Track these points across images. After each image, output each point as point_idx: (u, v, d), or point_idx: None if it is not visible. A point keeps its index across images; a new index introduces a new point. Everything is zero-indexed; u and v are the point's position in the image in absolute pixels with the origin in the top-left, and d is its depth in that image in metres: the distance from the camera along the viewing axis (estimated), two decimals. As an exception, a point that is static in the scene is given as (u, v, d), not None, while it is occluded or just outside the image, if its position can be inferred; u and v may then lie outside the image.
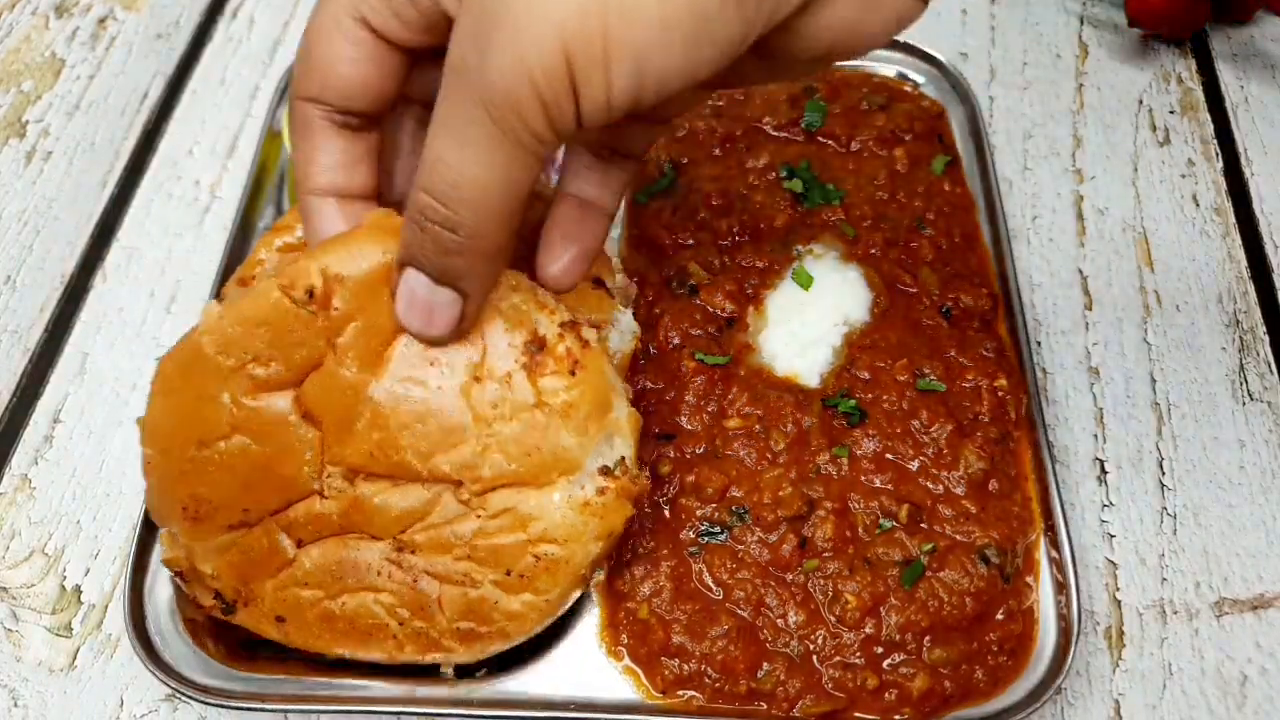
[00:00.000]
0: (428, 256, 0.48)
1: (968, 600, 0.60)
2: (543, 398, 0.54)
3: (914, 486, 0.64)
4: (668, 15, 0.39)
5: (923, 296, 0.73)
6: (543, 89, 0.40)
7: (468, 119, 0.42)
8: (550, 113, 0.41)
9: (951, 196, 0.80)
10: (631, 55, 0.39)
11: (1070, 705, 0.64)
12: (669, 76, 0.41)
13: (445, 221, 0.46)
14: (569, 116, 0.41)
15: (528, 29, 0.39)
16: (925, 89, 0.87)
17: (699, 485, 0.64)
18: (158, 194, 0.88)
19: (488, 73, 0.40)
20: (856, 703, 0.59)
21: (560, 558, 0.56)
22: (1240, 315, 0.80)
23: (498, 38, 0.40)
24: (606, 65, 0.39)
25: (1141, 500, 0.71)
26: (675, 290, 0.72)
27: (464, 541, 0.56)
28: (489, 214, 0.46)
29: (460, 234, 0.46)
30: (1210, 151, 0.90)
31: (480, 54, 0.41)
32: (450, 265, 0.48)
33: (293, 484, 0.56)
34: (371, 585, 0.57)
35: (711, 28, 0.39)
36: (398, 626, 0.58)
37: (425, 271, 0.49)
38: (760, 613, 0.61)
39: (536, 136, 0.42)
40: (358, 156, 0.54)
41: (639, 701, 0.60)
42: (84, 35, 0.98)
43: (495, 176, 0.44)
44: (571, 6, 0.38)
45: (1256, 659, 0.65)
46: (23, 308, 0.81)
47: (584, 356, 0.54)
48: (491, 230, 0.47)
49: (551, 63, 0.39)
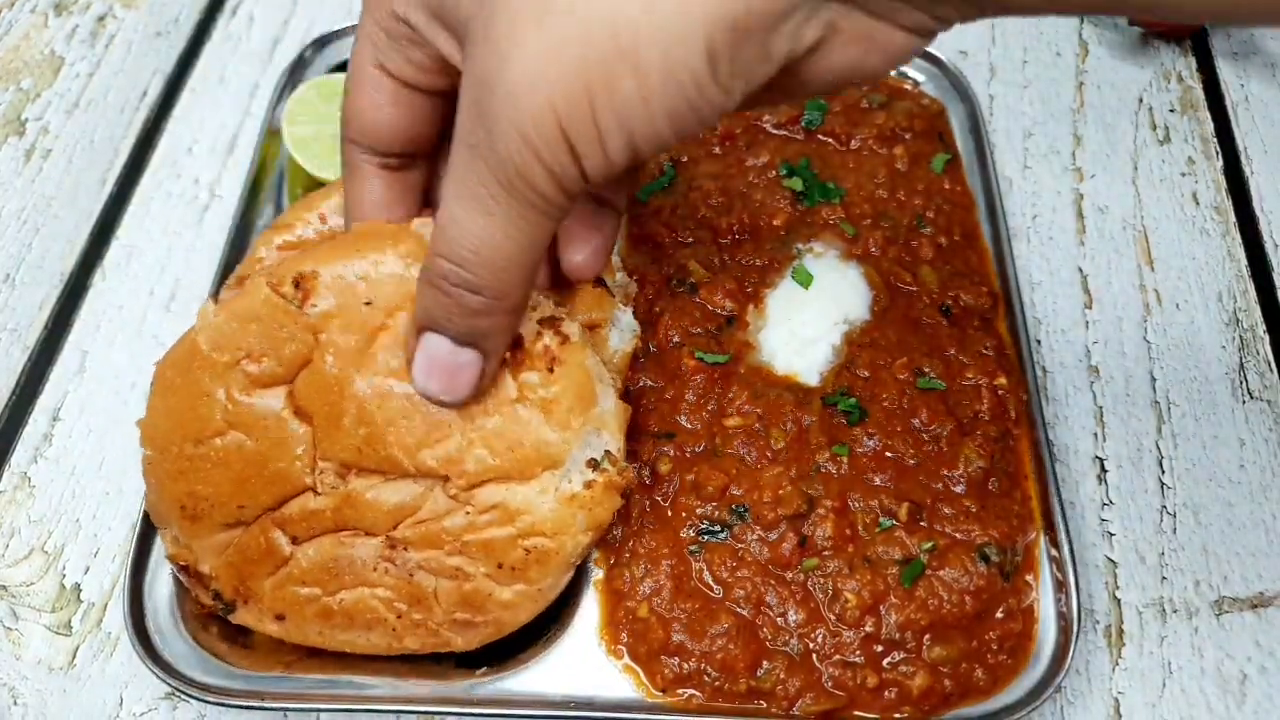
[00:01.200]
0: (452, 320, 0.50)
1: (967, 599, 0.60)
2: (523, 393, 0.55)
3: (914, 485, 0.64)
4: (646, 93, 0.41)
5: (923, 295, 0.73)
6: (548, 160, 0.43)
7: (484, 191, 0.45)
8: (558, 179, 0.44)
9: (951, 195, 0.80)
10: (619, 129, 0.42)
11: (1070, 703, 0.64)
12: (661, 139, 0.43)
13: (469, 285, 0.48)
14: (576, 179, 0.44)
15: (524, 107, 0.41)
16: (925, 87, 0.87)
17: (699, 484, 0.64)
18: (157, 192, 0.88)
19: (497, 148, 0.43)
20: (856, 701, 0.59)
21: (550, 549, 0.57)
22: (1240, 314, 0.80)
23: (500, 115, 0.42)
24: (600, 138, 0.42)
25: (1141, 499, 0.71)
26: (675, 288, 0.72)
27: (455, 536, 0.57)
28: (512, 275, 0.48)
29: (485, 295, 0.48)
30: (1210, 150, 0.90)
31: (487, 130, 0.43)
32: (474, 326, 0.50)
33: (286, 480, 0.57)
34: (368, 581, 0.58)
35: (690, 98, 0.41)
36: (395, 619, 0.58)
37: (448, 334, 0.51)
38: (760, 611, 0.61)
39: (549, 200, 0.45)
40: (400, 193, 0.57)
41: (639, 700, 0.60)
42: (83, 33, 0.98)
43: (516, 240, 0.46)
44: (559, 88, 0.41)
45: (1256, 657, 0.65)
46: (22, 306, 0.81)
47: (562, 353, 0.55)
48: (514, 290, 0.49)
49: (550, 133, 0.42)
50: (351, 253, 0.55)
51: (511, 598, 0.58)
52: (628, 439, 0.65)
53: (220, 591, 0.60)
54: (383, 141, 0.54)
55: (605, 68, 0.40)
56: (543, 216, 0.46)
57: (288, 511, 0.57)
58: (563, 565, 0.58)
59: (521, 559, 0.57)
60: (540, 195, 0.44)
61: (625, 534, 0.63)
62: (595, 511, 0.57)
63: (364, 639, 0.59)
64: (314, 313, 0.55)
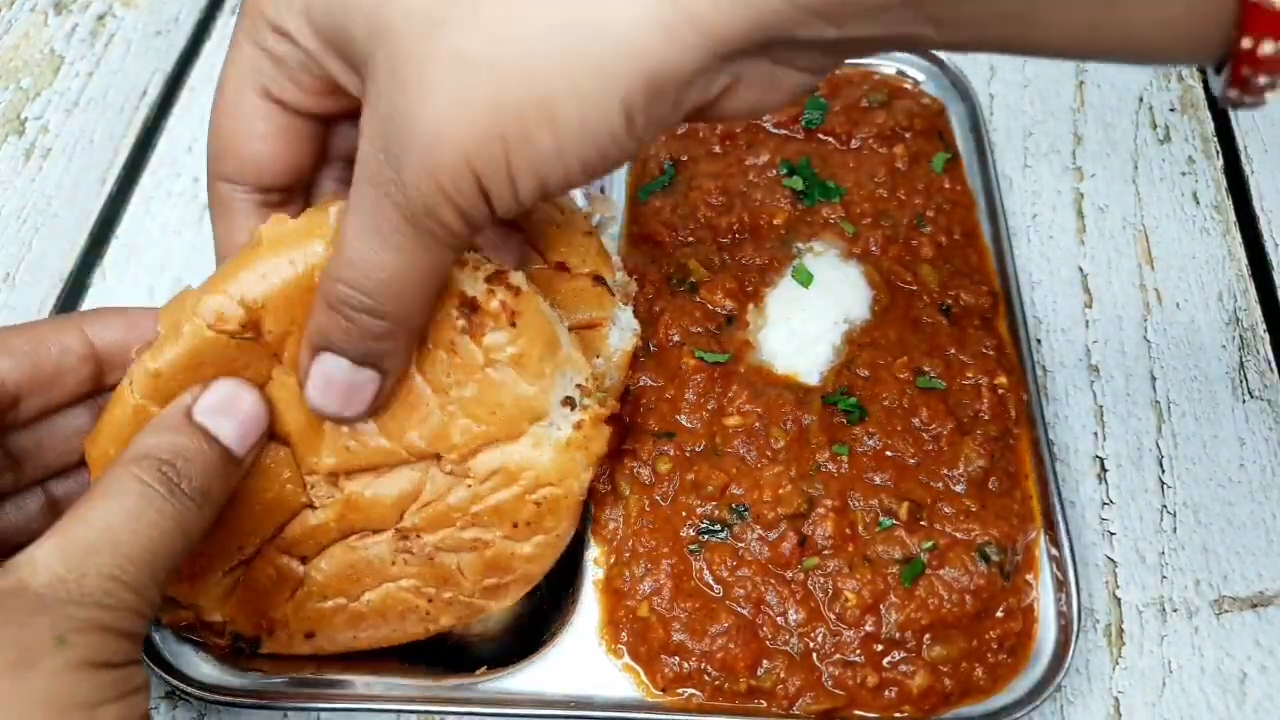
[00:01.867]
0: (351, 342, 0.49)
1: (968, 598, 0.60)
2: (491, 355, 0.54)
3: (914, 484, 0.64)
4: (562, 146, 0.42)
5: (923, 294, 0.73)
6: (457, 200, 0.43)
7: (389, 226, 0.45)
8: (466, 216, 0.44)
9: (952, 194, 0.80)
10: (532, 174, 0.43)
11: (1070, 703, 0.64)
12: (572, 182, 0.44)
13: (371, 310, 0.48)
14: (483, 215, 0.45)
15: (437, 154, 0.42)
16: (926, 86, 0.87)
17: (699, 483, 0.64)
18: (157, 191, 0.88)
19: (405, 187, 0.43)
20: (856, 700, 0.59)
21: (559, 496, 0.57)
22: (1240, 313, 0.80)
23: (410, 156, 0.42)
24: (512, 181, 0.43)
25: (1141, 498, 0.71)
26: (675, 287, 0.72)
27: (464, 510, 0.57)
28: (416, 301, 0.49)
29: (388, 320, 0.48)
30: (1210, 149, 0.90)
31: (395, 169, 0.43)
32: (374, 349, 0.50)
33: (280, 506, 0.56)
34: (389, 576, 0.58)
35: (603, 148, 0.43)
36: (427, 604, 0.58)
37: (347, 355, 0.50)
38: (760, 610, 0.61)
39: (454, 235, 0.45)
40: None
41: (639, 699, 0.60)
42: (83, 32, 0.98)
43: (419, 271, 0.47)
44: (474, 136, 0.41)
45: (1256, 657, 0.65)
46: (22, 305, 0.81)
47: (518, 303, 0.54)
48: (417, 314, 0.50)
49: (463, 179, 0.42)
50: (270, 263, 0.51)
51: (532, 550, 0.58)
52: (627, 439, 0.65)
53: (240, 632, 0.59)
54: (264, 175, 0.52)
55: (521, 120, 0.41)
56: (448, 249, 0.46)
57: (290, 535, 0.57)
58: (573, 507, 0.58)
59: (534, 513, 0.57)
60: (448, 231, 0.45)
61: (625, 533, 0.63)
62: (591, 448, 0.57)
63: (399, 631, 0.59)
64: (271, 338, 0.52)
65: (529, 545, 0.58)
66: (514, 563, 0.58)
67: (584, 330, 0.61)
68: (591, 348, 0.60)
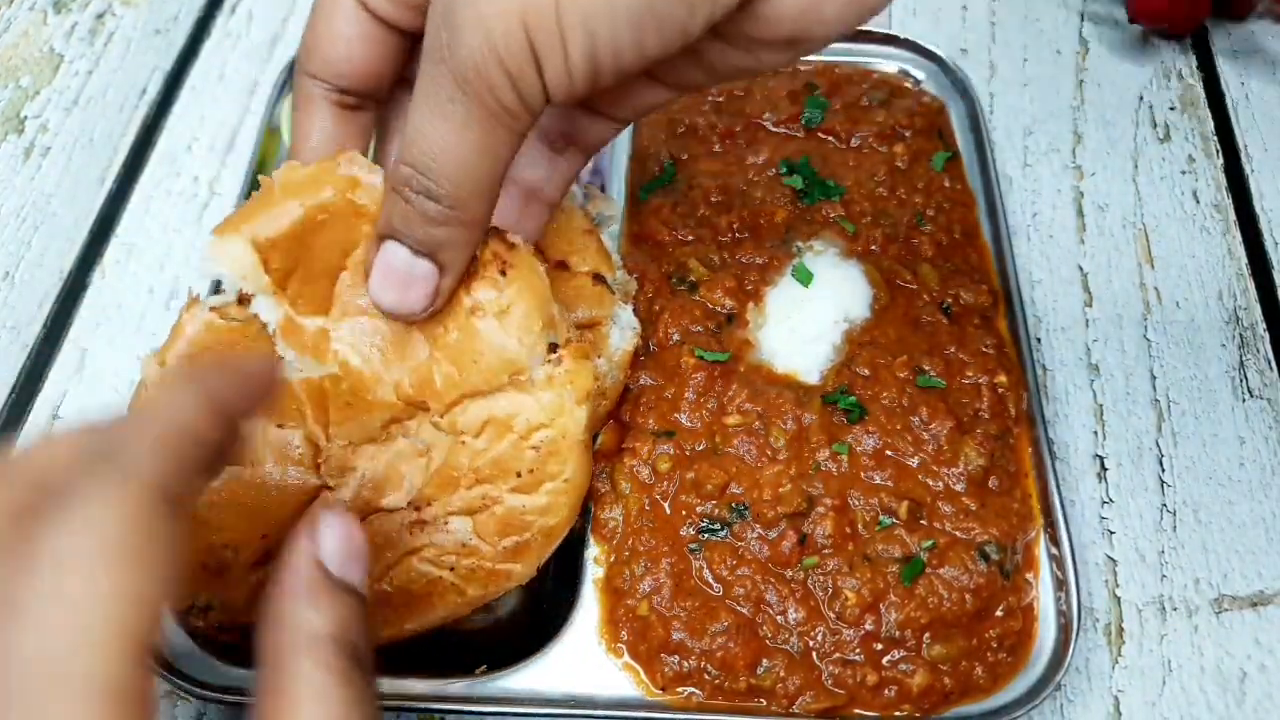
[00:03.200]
0: (409, 226, 0.50)
1: (967, 597, 0.60)
2: (478, 305, 0.54)
3: (914, 483, 0.64)
4: None
5: (923, 293, 0.73)
6: (509, 64, 0.43)
7: (445, 95, 0.45)
8: (519, 86, 0.44)
9: (951, 193, 0.79)
10: (582, 31, 0.43)
11: (1070, 702, 0.64)
12: (621, 50, 0.44)
13: (427, 191, 0.48)
14: (536, 89, 0.45)
15: (490, 11, 0.42)
16: (926, 85, 0.87)
17: (699, 482, 0.64)
18: (156, 190, 0.88)
19: (458, 51, 0.44)
20: (856, 699, 0.59)
21: (555, 436, 0.56)
22: (1240, 312, 0.80)
23: (465, 19, 0.43)
24: (563, 40, 0.43)
25: (1141, 497, 0.71)
26: (675, 286, 0.72)
27: (466, 469, 0.56)
28: (468, 184, 0.48)
29: (443, 202, 0.49)
30: (1210, 148, 0.90)
31: (451, 34, 0.44)
32: (431, 235, 0.50)
33: (300, 489, 0.56)
34: (409, 548, 0.57)
35: (655, 6, 0.43)
36: (450, 573, 0.58)
37: (405, 242, 0.51)
38: (760, 609, 0.61)
39: (508, 109, 0.45)
40: (351, 133, 0.57)
41: (639, 698, 0.60)
42: (82, 30, 0.98)
43: (473, 147, 0.47)
44: None
45: (1256, 656, 0.65)
46: (21, 304, 0.81)
47: (511, 256, 0.54)
48: (471, 200, 0.49)
49: (514, 40, 0.43)
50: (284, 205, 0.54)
51: (546, 501, 0.57)
52: (627, 437, 0.65)
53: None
54: (344, 76, 0.54)
55: None
56: (500, 126, 0.46)
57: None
58: (574, 447, 0.57)
59: (535, 459, 0.56)
60: (498, 101, 0.45)
61: (625, 532, 0.63)
62: (577, 383, 0.56)
63: (430, 613, 0.58)
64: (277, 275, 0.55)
65: (541, 496, 0.57)
66: (528, 516, 0.57)
67: (584, 329, 0.61)
68: (592, 347, 0.60)
